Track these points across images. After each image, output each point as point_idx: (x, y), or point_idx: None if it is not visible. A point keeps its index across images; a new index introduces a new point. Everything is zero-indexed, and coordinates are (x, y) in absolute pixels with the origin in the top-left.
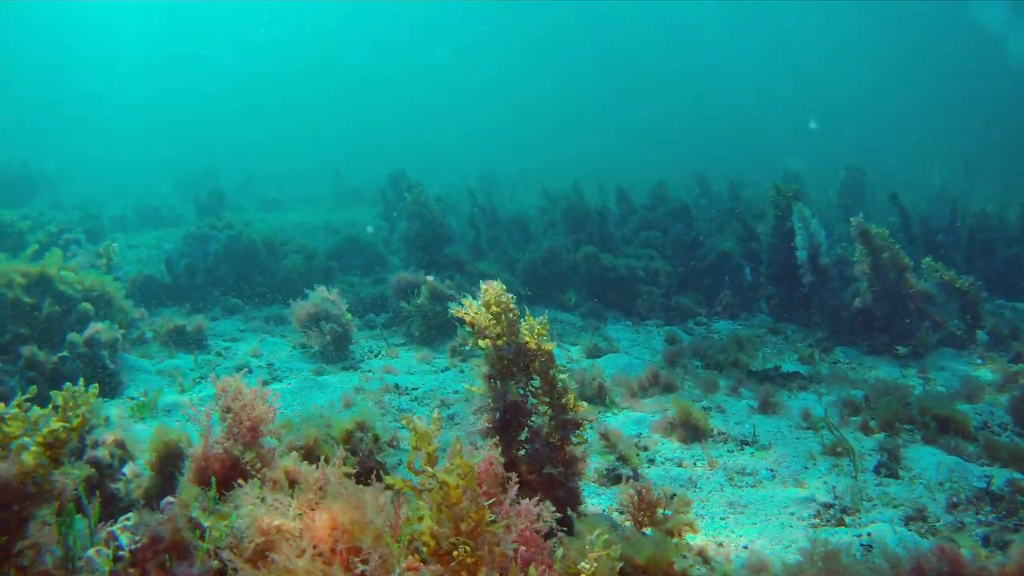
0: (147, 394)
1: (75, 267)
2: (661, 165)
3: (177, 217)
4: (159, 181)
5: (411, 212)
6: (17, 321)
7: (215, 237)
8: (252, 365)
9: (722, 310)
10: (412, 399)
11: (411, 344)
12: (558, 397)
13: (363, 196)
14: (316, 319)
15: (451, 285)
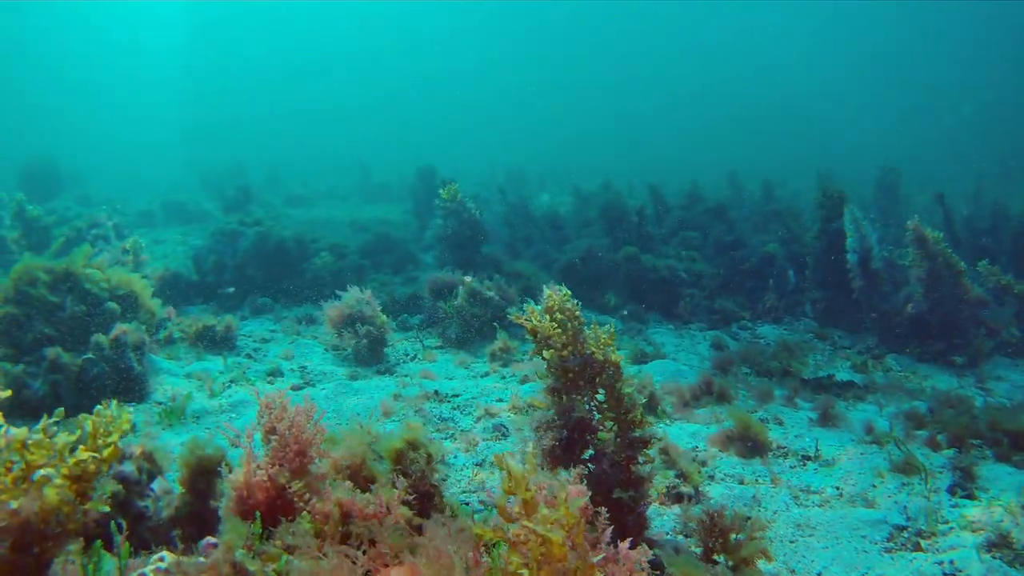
0: (175, 399)
1: (101, 264)
2: (683, 165)
3: (203, 213)
4: (185, 177)
5: (447, 210)
6: (41, 321)
7: (244, 234)
8: (284, 368)
9: (766, 314)
10: (453, 407)
11: (448, 347)
12: (625, 412)
13: (389, 192)
14: (350, 321)
15: (490, 286)
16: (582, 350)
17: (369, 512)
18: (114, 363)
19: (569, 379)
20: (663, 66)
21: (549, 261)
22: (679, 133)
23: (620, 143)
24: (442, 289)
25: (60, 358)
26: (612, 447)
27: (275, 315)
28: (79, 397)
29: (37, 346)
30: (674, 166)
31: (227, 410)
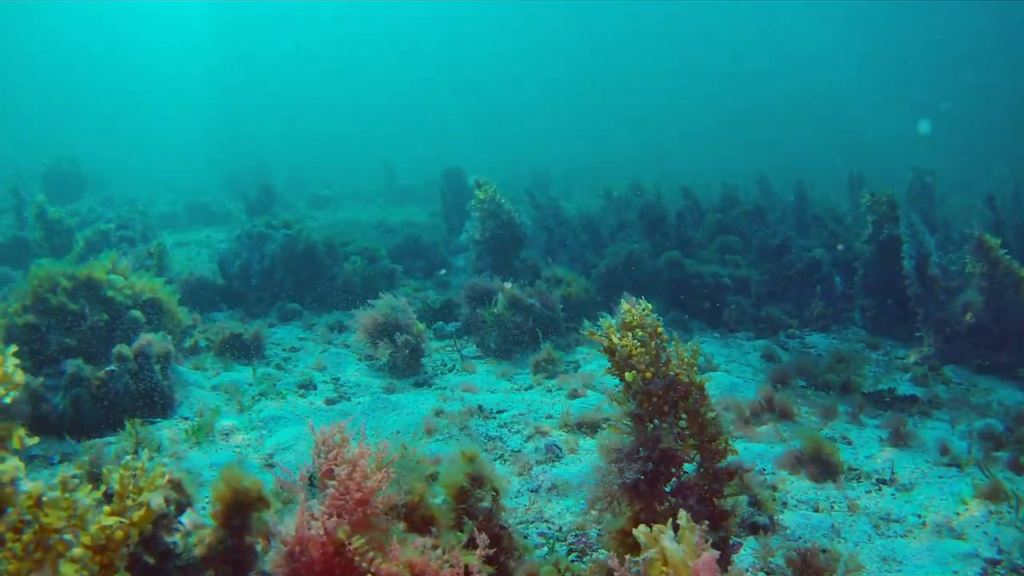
0: (203, 414)
1: (125, 270)
2: (700, 166)
3: (227, 214)
4: (208, 178)
5: (484, 212)
6: (62, 331)
7: (272, 237)
8: (316, 380)
9: (813, 322)
10: (500, 424)
11: (487, 357)
12: (709, 440)
13: (414, 194)
14: (385, 330)
15: (531, 293)
16: (666, 371)
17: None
18: (138, 376)
19: (653, 404)
20: (673, 67)
21: (587, 266)
22: (691, 135)
23: (635, 144)
24: (481, 296)
25: (81, 371)
26: (694, 478)
27: (304, 322)
28: (101, 412)
29: (57, 357)
30: (689, 168)
31: (258, 426)
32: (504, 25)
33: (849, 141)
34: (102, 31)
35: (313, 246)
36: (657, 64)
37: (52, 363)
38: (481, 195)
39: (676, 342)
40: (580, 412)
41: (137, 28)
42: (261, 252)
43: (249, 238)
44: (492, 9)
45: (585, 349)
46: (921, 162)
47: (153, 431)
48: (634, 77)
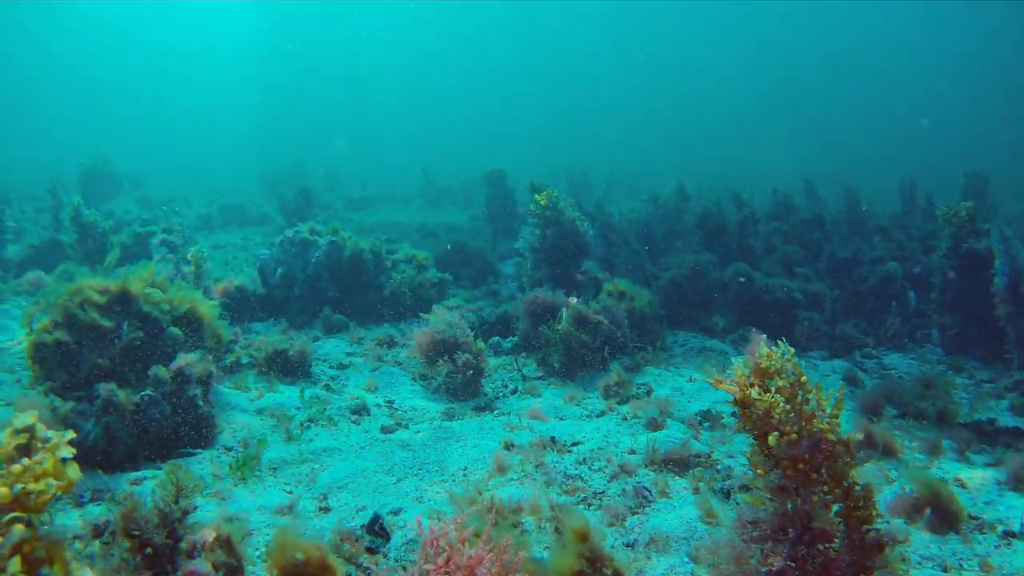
0: (247, 443)
1: (163, 283)
2: (737, 168)
3: (262, 216)
4: (244, 178)
5: (544, 219)
6: (93, 349)
7: (316, 243)
8: (369, 403)
9: (888, 340)
10: (578, 460)
11: (550, 378)
12: (857, 507)
13: (451, 195)
14: (443, 348)
15: (597, 309)
16: (811, 428)
17: None
18: (176, 401)
19: (798, 472)
20: (696, 69)
21: (647, 278)
22: (721, 137)
23: (669, 148)
24: (542, 311)
25: (114, 396)
26: (842, 554)
27: (351, 335)
28: (135, 441)
29: (89, 379)
30: (719, 171)
31: (308, 459)
32: (531, 26)
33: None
34: (137, 31)
35: (359, 254)
36: (681, 67)
37: (84, 385)
38: (542, 201)
39: (818, 390)
40: (666, 447)
41: (176, 28)
42: (304, 259)
43: (292, 244)
44: (522, 12)
45: (655, 370)
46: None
47: (193, 464)
48: (660, 79)
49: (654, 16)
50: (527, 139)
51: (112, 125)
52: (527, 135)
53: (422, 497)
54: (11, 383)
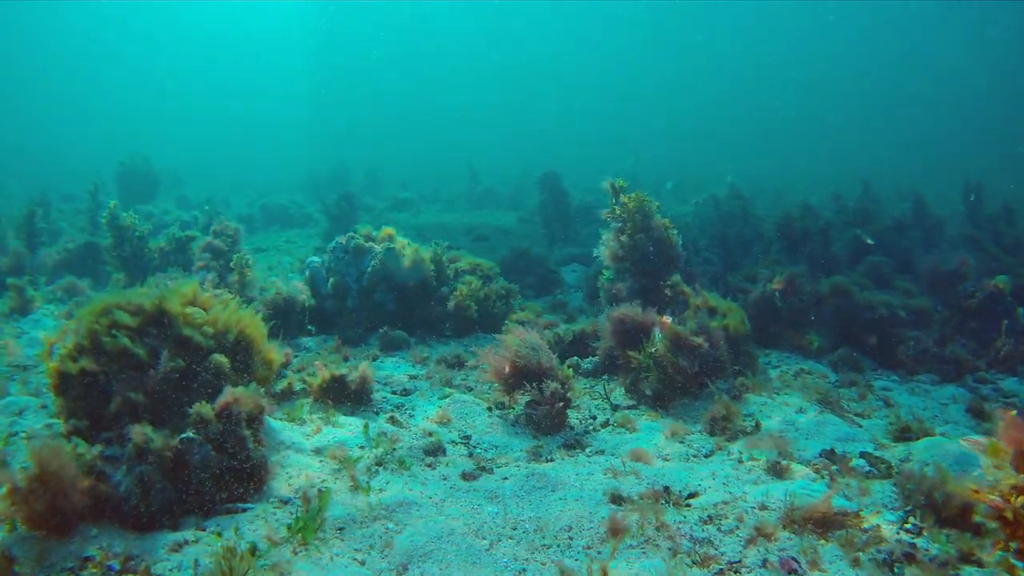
0: (307, 495)
1: (207, 300)
2: (774, 171)
3: (305, 217)
4: (284, 178)
5: (631, 225)
6: (125, 382)
7: (371, 251)
8: (444, 441)
9: (1000, 363)
10: (702, 518)
11: (643, 406)
12: None
13: (497, 197)
14: (525, 374)
15: (694, 329)
16: None
17: None
18: (222, 444)
19: None
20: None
21: (729, 290)
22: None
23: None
24: (630, 330)
25: (149, 441)
26: None
27: (413, 354)
28: (174, 493)
29: (119, 417)
30: (767, 171)
31: (381, 515)
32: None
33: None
34: (181, 28)
35: (419, 262)
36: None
37: (113, 423)
38: (629, 203)
39: None
40: (803, 501)
41: (217, 26)
42: (359, 268)
43: (344, 252)
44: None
45: (757, 398)
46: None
47: (244, 524)
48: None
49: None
50: (567, 139)
51: (151, 124)
52: (565, 135)
53: (525, 571)
54: (36, 408)
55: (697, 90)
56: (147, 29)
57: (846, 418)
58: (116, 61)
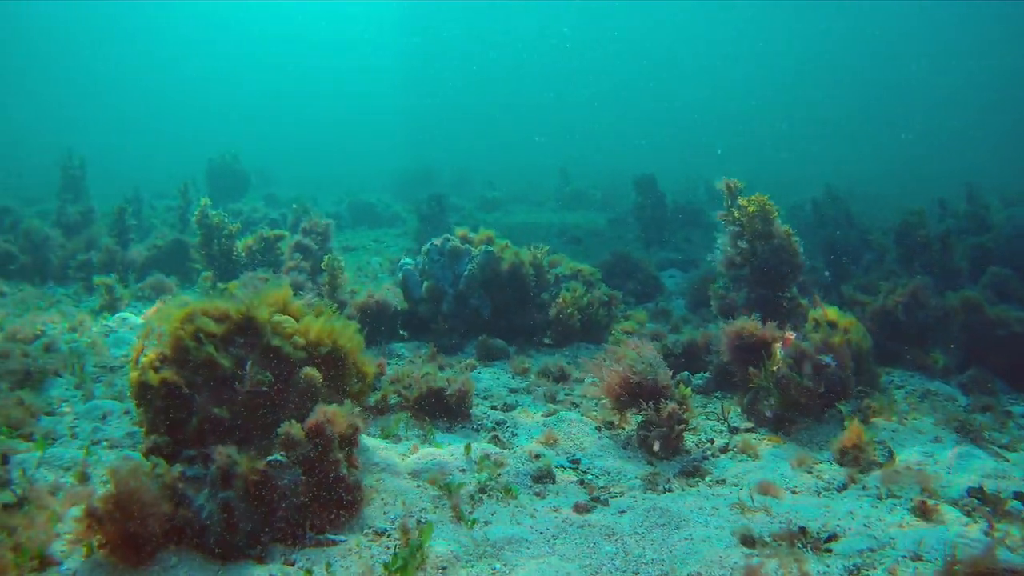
0: (405, 526)
1: (298, 308)
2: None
3: (393, 216)
4: (372, 177)
5: (750, 230)
6: (210, 395)
7: (468, 253)
8: (551, 463)
9: None
10: (848, 568)
11: (762, 429)
12: None
13: (586, 198)
14: (639, 391)
15: (821, 346)
16: None
17: None
18: (313, 467)
19: None
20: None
21: (846, 302)
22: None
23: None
24: (749, 346)
25: (234, 464)
26: None
27: (512, 364)
28: (259, 521)
29: (202, 433)
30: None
31: (488, 553)
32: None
33: None
34: (274, 26)
35: (518, 267)
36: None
37: (195, 439)
38: (750, 208)
39: None
40: (963, 552)
41: (308, 25)
42: (454, 272)
43: (440, 254)
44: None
45: (886, 424)
46: None
47: (335, 559)
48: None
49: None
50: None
51: (242, 123)
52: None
53: None
54: (120, 414)
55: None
56: (242, 28)
57: (990, 450)
58: (210, 60)
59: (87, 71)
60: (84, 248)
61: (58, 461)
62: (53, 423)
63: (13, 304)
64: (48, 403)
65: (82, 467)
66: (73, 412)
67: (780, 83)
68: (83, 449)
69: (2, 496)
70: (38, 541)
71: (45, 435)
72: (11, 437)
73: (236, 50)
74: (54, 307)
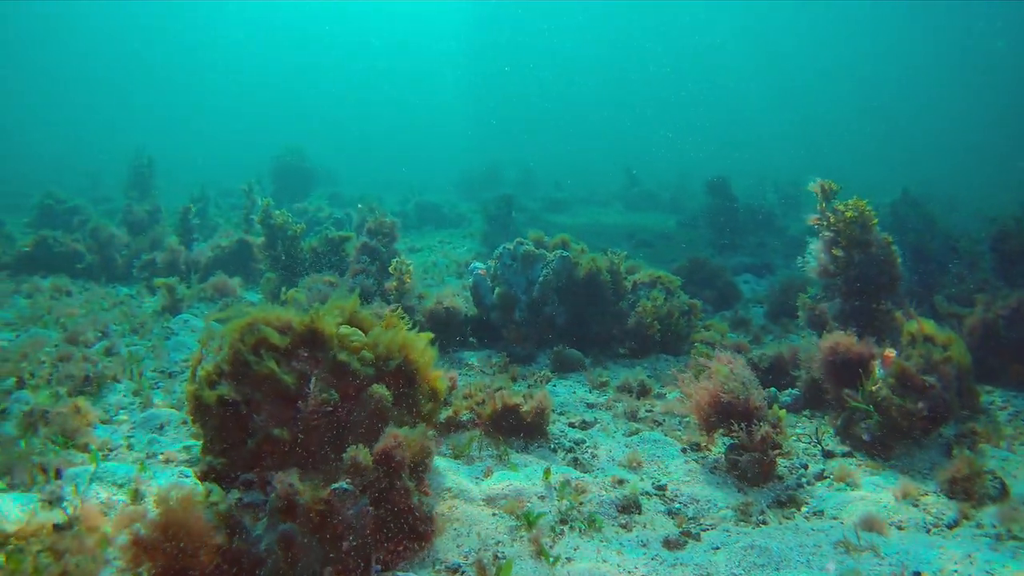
0: (482, 565)
1: (365, 318)
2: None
3: (459, 216)
4: (436, 176)
5: (847, 237)
6: (270, 415)
7: (543, 259)
8: (637, 490)
9: None
10: None
11: (859, 453)
12: None
13: (653, 199)
14: (730, 412)
15: (921, 365)
16: None
17: None
18: (382, 496)
19: None
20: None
21: (940, 315)
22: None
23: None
24: (845, 363)
25: (295, 492)
26: None
27: (589, 377)
28: (323, 555)
29: (261, 456)
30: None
31: None
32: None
33: None
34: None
35: (596, 274)
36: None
37: (253, 462)
38: (848, 213)
39: None
40: None
41: (369, 26)
42: (528, 278)
43: (513, 259)
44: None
45: (995, 451)
46: None
47: None
48: None
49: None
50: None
51: (307, 122)
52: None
53: None
54: (177, 424)
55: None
56: (309, 31)
57: None
58: (276, 63)
59: (167, 72)
60: (149, 247)
61: (111, 477)
62: (109, 432)
63: (79, 304)
64: (105, 410)
65: (136, 484)
66: (130, 421)
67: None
68: (138, 463)
69: (53, 515)
70: (86, 569)
71: (100, 445)
72: (66, 448)
73: (303, 52)
74: (117, 308)
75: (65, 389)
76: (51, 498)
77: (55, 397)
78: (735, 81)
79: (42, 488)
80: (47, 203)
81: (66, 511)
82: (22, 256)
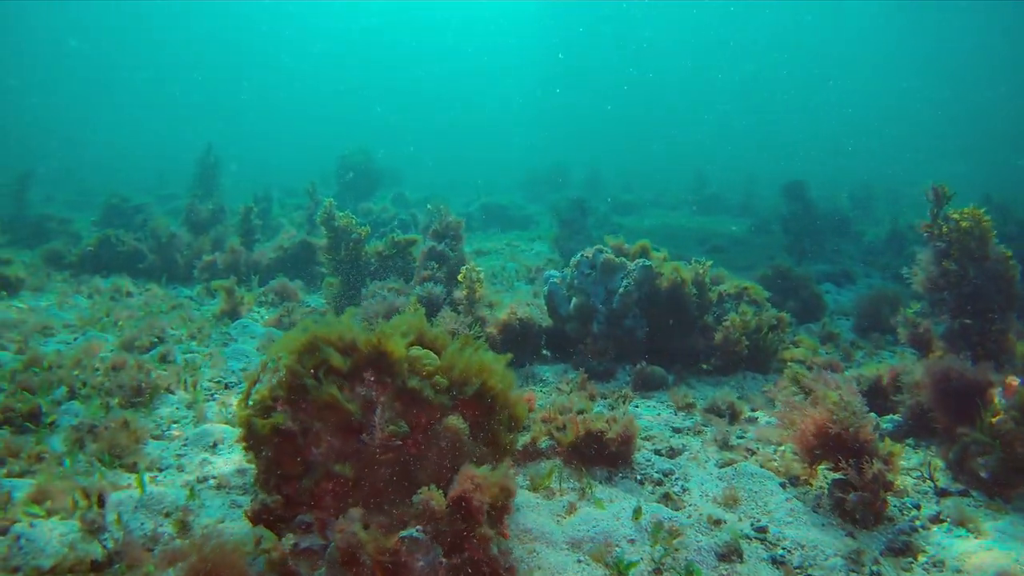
0: None
1: (437, 336)
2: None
3: (526, 218)
4: (502, 178)
5: (962, 249)
6: (330, 447)
7: (624, 268)
8: (736, 532)
9: None
10: None
11: (975, 492)
12: None
13: (723, 202)
14: (836, 444)
15: None
16: None
17: None
18: (457, 545)
19: None
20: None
21: None
22: None
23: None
24: (958, 391)
25: (358, 543)
26: None
27: (673, 396)
28: None
29: (319, 495)
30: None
31: None
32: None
33: None
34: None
35: (679, 285)
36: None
37: (311, 502)
38: (963, 223)
39: None
40: None
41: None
42: (607, 288)
43: (591, 268)
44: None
45: None
46: None
47: None
48: None
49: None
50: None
51: (374, 123)
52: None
53: None
54: (231, 442)
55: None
56: (376, 31)
57: None
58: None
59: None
60: (210, 248)
61: (158, 504)
62: (160, 449)
63: (137, 306)
64: (157, 423)
65: (183, 515)
66: (183, 437)
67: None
68: (188, 488)
69: (92, 548)
70: None
71: (150, 465)
72: (113, 467)
73: (372, 54)
74: (176, 311)
75: (116, 400)
76: (92, 528)
77: (105, 409)
78: (816, 83)
79: (84, 516)
80: (112, 202)
81: (106, 544)
82: (86, 255)
